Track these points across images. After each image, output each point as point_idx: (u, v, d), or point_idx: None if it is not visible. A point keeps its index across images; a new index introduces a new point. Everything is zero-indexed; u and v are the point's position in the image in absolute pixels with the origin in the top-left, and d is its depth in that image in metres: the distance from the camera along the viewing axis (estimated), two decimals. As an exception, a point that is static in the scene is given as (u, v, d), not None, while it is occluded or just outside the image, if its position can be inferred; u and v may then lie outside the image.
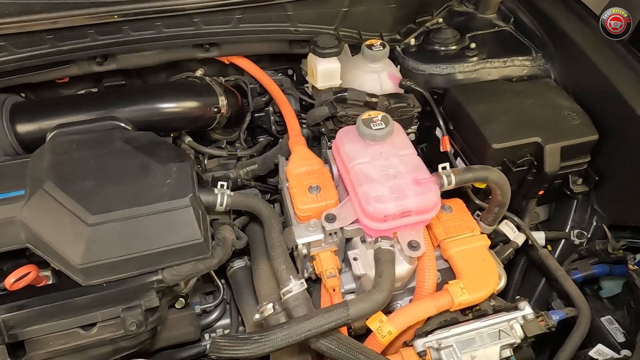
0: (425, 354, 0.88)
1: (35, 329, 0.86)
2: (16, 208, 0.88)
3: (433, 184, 0.93)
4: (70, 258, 0.85)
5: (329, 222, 0.98)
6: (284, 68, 1.60)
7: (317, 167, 1.09)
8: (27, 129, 1.05)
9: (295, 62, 1.57)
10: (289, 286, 0.92)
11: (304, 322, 0.80)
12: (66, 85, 1.40)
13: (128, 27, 1.19)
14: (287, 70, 1.61)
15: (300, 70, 1.56)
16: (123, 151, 0.96)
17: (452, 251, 1.02)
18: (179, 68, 1.43)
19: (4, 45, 1.14)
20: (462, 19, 1.54)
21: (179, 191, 0.91)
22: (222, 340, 0.86)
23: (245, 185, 1.30)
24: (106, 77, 1.41)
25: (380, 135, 0.98)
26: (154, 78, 1.45)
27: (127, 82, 1.43)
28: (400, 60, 1.42)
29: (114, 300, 0.89)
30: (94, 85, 1.43)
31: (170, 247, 0.89)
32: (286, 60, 1.56)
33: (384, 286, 0.85)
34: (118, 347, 0.93)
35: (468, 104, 1.20)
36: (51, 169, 0.92)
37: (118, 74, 1.40)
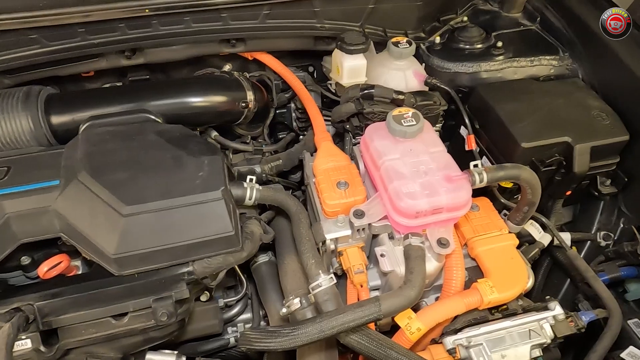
0: (455, 351, 0.87)
1: (69, 317, 0.87)
2: (51, 198, 0.90)
3: (465, 182, 0.92)
4: (105, 248, 0.86)
5: (357, 218, 0.98)
6: (304, 65, 1.60)
7: (344, 163, 1.09)
8: (61, 120, 1.06)
9: (316, 59, 1.57)
10: (318, 281, 0.92)
11: (336, 317, 0.80)
12: (91, 79, 1.41)
13: (157, 21, 1.20)
14: (308, 67, 1.61)
15: (322, 67, 1.56)
16: (155, 143, 0.97)
17: (480, 250, 1.01)
18: (201, 64, 1.44)
19: (36, 37, 1.16)
20: (487, 17, 1.54)
21: (211, 184, 0.91)
22: (253, 333, 0.86)
23: (269, 181, 1.30)
24: (131, 72, 1.42)
25: (411, 131, 0.98)
26: (177, 73, 1.46)
27: (151, 77, 1.44)
28: (425, 58, 1.41)
29: (145, 290, 0.90)
30: (118, 80, 1.44)
31: (202, 239, 0.89)
32: (307, 57, 1.56)
33: (415, 282, 0.85)
34: (148, 337, 0.94)
35: (496, 102, 1.20)
36: (85, 160, 0.93)
37: (142, 69, 1.41)
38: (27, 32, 1.13)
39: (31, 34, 1.14)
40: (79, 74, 1.34)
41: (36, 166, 0.94)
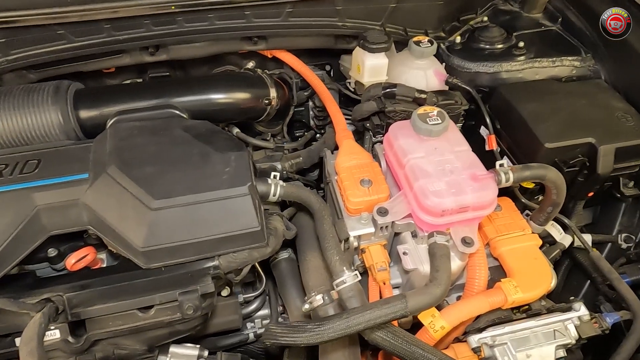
0: (480, 350, 0.87)
1: (97, 308, 0.88)
2: (80, 191, 0.91)
3: (491, 181, 0.92)
4: (133, 241, 0.87)
5: (381, 216, 0.99)
6: (321, 64, 1.61)
7: (367, 161, 1.10)
8: (89, 114, 1.07)
9: (333, 57, 1.58)
10: (343, 277, 0.92)
11: (363, 313, 0.80)
12: (111, 75, 1.43)
13: (182, 18, 1.22)
14: (325, 66, 1.61)
15: (339, 66, 1.57)
16: (182, 139, 0.98)
17: (503, 249, 1.01)
18: (220, 61, 1.45)
19: (63, 33, 1.17)
20: (507, 17, 1.53)
21: (238, 179, 0.92)
22: (277, 328, 0.87)
23: (289, 178, 1.31)
24: (151, 68, 1.44)
25: (437, 130, 0.98)
26: (195, 70, 1.47)
27: (170, 74, 1.45)
28: (445, 58, 1.41)
29: (171, 284, 0.91)
30: (138, 76, 1.46)
31: (228, 234, 0.90)
32: (324, 55, 1.56)
33: (441, 280, 0.85)
34: (173, 330, 0.95)
35: (518, 102, 1.19)
36: (114, 154, 0.94)
37: (162, 65, 1.43)
38: (54, 28, 1.15)
39: (58, 30, 1.16)
40: (100, 70, 1.36)
41: (65, 159, 0.95)
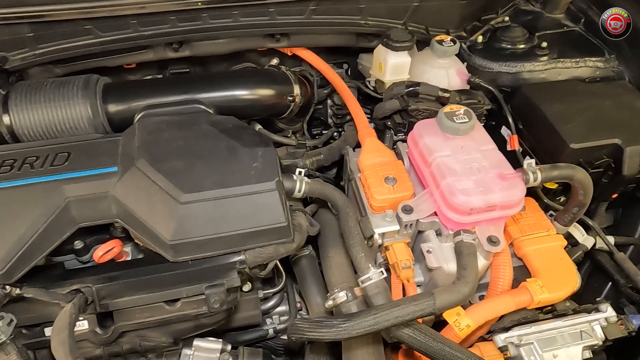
0: (506, 349, 0.87)
1: (125, 300, 0.89)
2: (109, 184, 0.92)
3: (519, 180, 0.92)
4: (161, 234, 0.88)
5: (405, 214, 0.99)
6: (339, 62, 1.61)
7: (390, 159, 1.10)
8: (117, 108, 1.08)
9: (350, 56, 1.58)
10: (369, 274, 0.93)
11: (391, 310, 0.80)
12: (132, 71, 1.44)
13: (207, 14, 1.22)
14: (343, 64, 1.62)
15: (357, 64, 1.57)
16: (210, 134, 0.99)
17: (528, 249, 1.01)
18: (239, 58, 1.46)
19: (90, 28, 1.18)
20: (529, 18, 1.52)
21: (265, 175, 0.92)
22: (304, 323, 0.87)
23: (310, 175, 1.31)
24: (171, 64, 1.45)
25: (464, 128, 0.98)
26: (215, 67, 1.48)
27: (190, 70, 1.46)
28: (466, 57, 1.41)
29: (198, 277, 0.91)
30: (159, 72, 1.47)
31: (256, 229, 0.91)
32: (342, 54, 1.56)
33: (469, 278, 0.85)
34: (198, 323, 0.96)
35: (542, 102, 1.19)
36: (143, 148, 0.95)
37: (183, 62, 1.44)
38: (82, 23, 1.16)
39: (86, 25, 1.17)
40: (121, 66, 1.37)
41: (95, 153, 0.96)
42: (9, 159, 0.94)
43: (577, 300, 1.13)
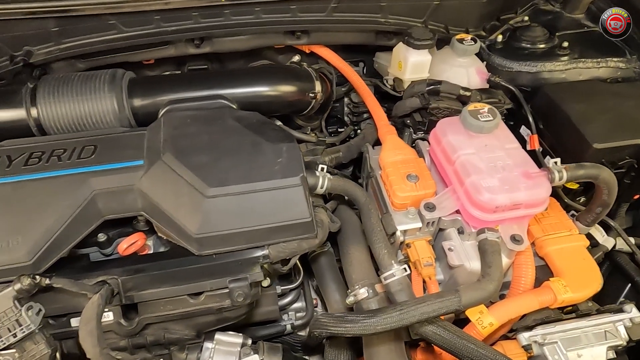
0: (530, 347, 0.87)
1: (149, 292, 0.90)
2: (135, 177, 0.93)
3: (544, 179, 0.92)
4: (187, 227, 0.89)
5: (428, 211, 0.99)
6: (355, 61, 1.61)
7: (412, 157, 1.10)
8: (142, 103, 1.09)
9: (366, 54, 1.58)
10: (392, 270, 0.93)
11: (417, 306, 0.80)
12: (151, 66, 1.45)
13: (230, 11, 1.23)
14: (359, 62, 1.62)
15: (373, 62, 1.57)
16: (234, 129, 0.99)
17: (550, 249, 1.01)
18: (256, 55, 1.47)
19: (114, 23, 1.19)
20: (548, 18, 1.52)
21: (290, 170, 0.93)
22: (327, 318, 0.88)
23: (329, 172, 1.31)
24: (189, 61, 1.45)
25: (488, 127, 0.98)
26: (232, 64, 1.48)
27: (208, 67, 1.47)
28: (485, 57, 1.41)
29: (222, 271, 0.92)
30: (177, 68, 1.48)
31: (280, 224, 0.91)
32: (358, 52, 1.56)
33: (494, 276, 0.85)
34: (221, 317, 0.96)
35: (564, 102, 1.18)
36: (169, 142, 0.96)
37: (201, 58, 1.44)
38: (106, 18, 1.17)
39: (110, 20, 1.18)
40: (140, 61, 1.38)
41: (120, 146, 0.97)
42: (37, 151, 0.95)
43: (595, 301, 1.13)
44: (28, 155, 0.94)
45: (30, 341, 0.81)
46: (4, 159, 0.93)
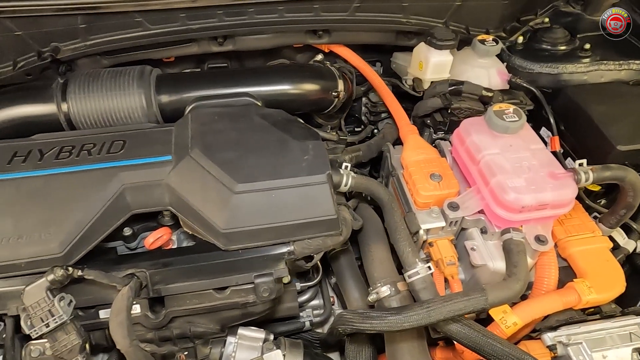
0: (555, 347, 0.87)
1: (176, 286, 0.91)
2: (164, 172, 0.94)
3: (570, 179, 0.92)
4: (215, 223, 0.90)
5: (452, 210, 1.00)
6: (372, 60, 1.61)
7: (434, 156, 1.11)
8: (169, 99, 1.11)
9: (383, 54, 1.58)
10: (416, 269, 0.94)
11: (444, 304, 0.81)
12: (171, 64, 1.46)
13: (254, 9, 1.24)
14: (376, 62, 1.62)
15: (390, 63, 1.58)
16: (261, 126, 1.00)
17: (573, 250, 1.01)
18: (275, 54, 1.48)
19: (140, 21, 1.21)
20: (569, 19, 1.52)
21: (316, 168, 0.94)
22: (352, 315, 0.89)
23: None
24: (209, 59, 1.47)
25: (514, 127, 0.98)
26: (251, 62, 1.49)
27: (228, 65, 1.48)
28: (505, 58, 1.41)
29: (247, 266, 0.93)
30: (196, 66, 1.49)
31: (306, 220, 0.92)
32: (375, 52, 1.57)
33: (520, 276, 0.85)
34: (246, 312, 0.97)
35: (587, 104, 1.19)
36: (196, 138, 0.97)
37: (221, 57, 1.46)
38: (133, 15, 1.19)
39: (137, 17, 1.19)
40: (160, 59, 1.39)
41: (149, 141, 0.99)
42: (68, 145, 0.97)
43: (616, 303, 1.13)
44: (59, 149, 0.96)
45: (62, 331, 0.82)
46: (35, 153, 0.95)
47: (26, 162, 0.93)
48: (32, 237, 0.86)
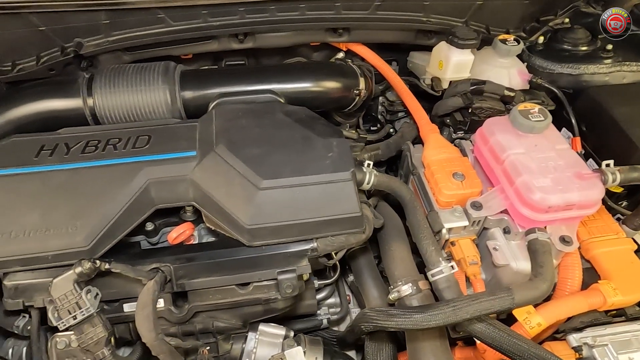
0: (581, 349, 0.87)
1: (200, 281, 0.92)
2: (188, 167, 0.94)
3: (597, 180, 0.91)
4: (240, 218, 0.90)
5: (475, 210, 0.99)
6: (389, 60, 1.61)
7: (456, 155, 1.10)
8: (193, 95, 1.11)
9: (399, 53, 1.58)
10: (440, 267, 0.93)
11: (470, 303, 0.81)
12: (188, 61, 1.47)
13: (275, 7, 1.24)
14: (392, 61, 1.62)
15: (406, 62, 1.58)
16: (285, 123, 1.01)
17: (597, 252, 1.00)
18: (292, 52, 1.48)
19: (163, 17, 1.21)
20: (589, 20, 1.50)
21: (341, 165, 0.94)
22: (375, 313, 0.88)
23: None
24: (226, 57, 1.47)
25: (540, 127, 0.98)
26: (268, 60, 1.50)
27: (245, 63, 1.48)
28: (525, 58, 1.40)
29: (270, 263, 0.93)
30: (214, 63, 1.49)
31: (330, 217, 0.92)
32: (391, 50, 1.56)
33: (546, 276, 0.85)
34: (268, 308, 0.98)
35: (610, 105, 1.18)
36: (221, 134, 0.97)
37: (238, 54, 1.46)
38: (156, 11, 1.19)
39: (159, 13, 1.20)
40: (178, 56, 1.40)
41: (173, 137, 0.99)
42: (93, 139, 0.97)
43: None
44: (85, 144, 0.96)
45: (88, 324, 0.83)
46: (62, 147, 0.96)
47: (53, 156, 0.94)
48: (59, 230, 0.86)
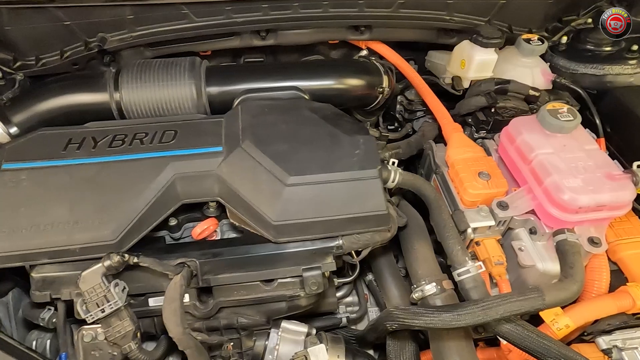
0: (611, 352, 0.86)
1: (225, 277, 0.92)
2: (214, 163, 0.94)
3: (628, 181, 0.90)
4: (266, 214, 0.90)
5: (501, 210, 0.98)
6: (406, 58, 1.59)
7: (481, 154, 1.09)
8: (218, 91, 1.11)
9: (417, 52, 1.57)
10: (467, 267, 0.92)
11: (500, 303, 0.80)
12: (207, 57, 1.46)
13: (298, 4, 1.24)
14: (409, 60, 1.61)
15: (424, 61, 1.57)
16: (311, 119, 1.00)
17: (625, 254, 0.99)
18: (310, 50, 1.47)
19: (186, 13, 1.21)
20: (612, 20, 1.49)
21: (367, 162, 0.93)
22: (402, 312, 0.88)
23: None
24: (245, 53, 1.47)
25: (569, 127, 0.97)
26: (286, 57, 1.49)
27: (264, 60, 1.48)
28: (548, 58, 1.39)
29: (295, 259, 0.93)
30: (232, 60, 1.49)
31: (357, 215, 0.91)
32: (409, 49, 1.56)
33: (577, 277, 0.84)
34: (292, 304, 0.97)
35: (637, 106, 1.16)
36: (247, 130, 0.97)
37: (257, 51, 1.46)
38: (180, 7, 1.19)
39: (183, 9, 1.20)
40: (197, 52, 1.40)
41: (200, 132, 0.99)
42: (120, 134, 0.97)
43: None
44: (112, 138, 0.97)
45: (116, 317, 0.83)
46: (89, 140, 0.96)
47: (80, 150, 0.94)
48: (87, 224, 0.86)
